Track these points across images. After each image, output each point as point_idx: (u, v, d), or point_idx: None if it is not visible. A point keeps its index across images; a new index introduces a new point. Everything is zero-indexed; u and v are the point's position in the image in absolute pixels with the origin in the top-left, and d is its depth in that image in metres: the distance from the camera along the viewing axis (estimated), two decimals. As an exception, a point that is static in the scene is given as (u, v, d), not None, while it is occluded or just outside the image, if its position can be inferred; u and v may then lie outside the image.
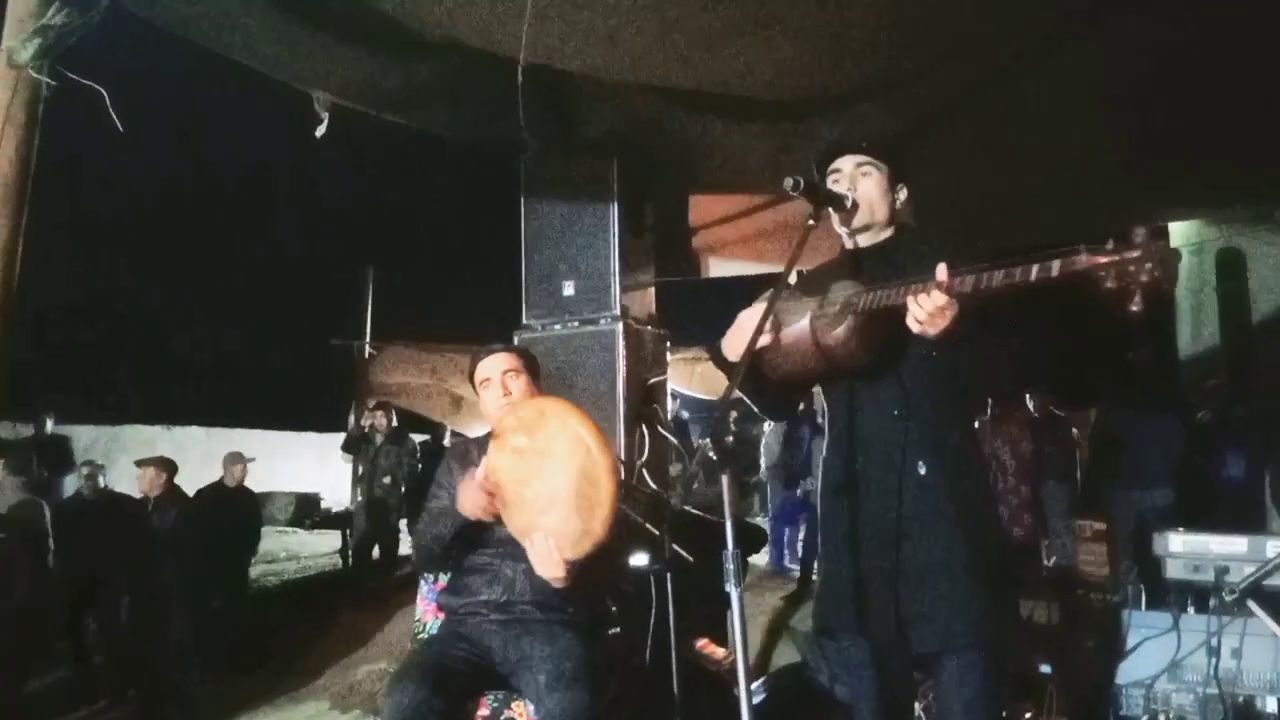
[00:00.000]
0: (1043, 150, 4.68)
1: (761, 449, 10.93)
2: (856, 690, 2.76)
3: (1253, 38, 3.77)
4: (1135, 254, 1.96)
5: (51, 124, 3.50)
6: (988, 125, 4.49)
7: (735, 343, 2.57)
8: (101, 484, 7.68)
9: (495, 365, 3.23)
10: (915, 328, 2.28)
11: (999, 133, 4.54)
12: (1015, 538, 6.72)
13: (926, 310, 2.24)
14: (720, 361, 2.67)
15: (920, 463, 2.51)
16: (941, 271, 2.22)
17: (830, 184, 2.62)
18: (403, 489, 10.12)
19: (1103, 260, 1.99)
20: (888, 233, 2.67)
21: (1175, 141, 4.43)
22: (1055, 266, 2.05)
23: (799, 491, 9.59)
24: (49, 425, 10.79)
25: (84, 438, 12.65)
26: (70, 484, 10.43)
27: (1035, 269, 2.08)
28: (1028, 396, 7.84)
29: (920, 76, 4.14)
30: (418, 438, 13.17)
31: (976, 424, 6.73)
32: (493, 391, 3.20)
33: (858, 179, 2.62)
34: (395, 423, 10.49)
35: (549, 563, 2.88)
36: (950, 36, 3.82)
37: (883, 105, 4.34)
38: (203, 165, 28.60)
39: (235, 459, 8.76)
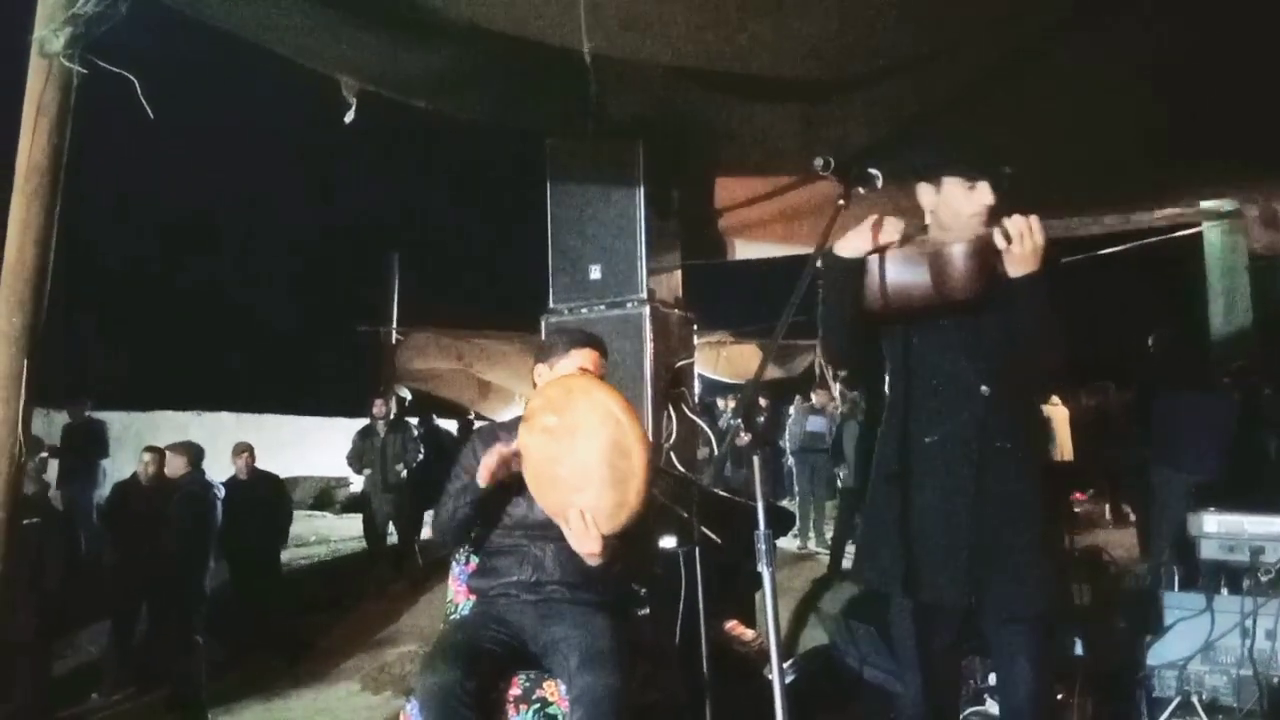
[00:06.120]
0: (1074, 128, 4.62)
1: (786, 431, 10.90)
2: (901, 658, 2.79)
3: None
4: None
5: (82, 110, 3.52)
6: (1019, 101, 4.44)
7: (856, 240, 2.62)
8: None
9: (588, 361, 3.19)
10: (1001, 244, 2.47)
11: (1030, 109, 4.48)
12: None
13: (1018, 227, 2.46)
14: (832, 262, 2.66)
15: (1001, 437, 2.59)
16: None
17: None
18: (403, 474, 10.16)
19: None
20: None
21: (1211, 118, 4.37)
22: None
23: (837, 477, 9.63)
24: (86, 411, 10.88)
25: (116, 423, 12.76)
26: (106, 469, 10.54)
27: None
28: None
29: (948, 53, 4.10)
30: (443, 423, 13.23)
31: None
32: None
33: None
34: (395, 412, 10.43)
35: (586, 538, 2.85)
36: (978, 10, 3.78)
37: (910, 83, 4.30)
38: (231, 152, 28.79)
39: (241, 449, 8.68)
